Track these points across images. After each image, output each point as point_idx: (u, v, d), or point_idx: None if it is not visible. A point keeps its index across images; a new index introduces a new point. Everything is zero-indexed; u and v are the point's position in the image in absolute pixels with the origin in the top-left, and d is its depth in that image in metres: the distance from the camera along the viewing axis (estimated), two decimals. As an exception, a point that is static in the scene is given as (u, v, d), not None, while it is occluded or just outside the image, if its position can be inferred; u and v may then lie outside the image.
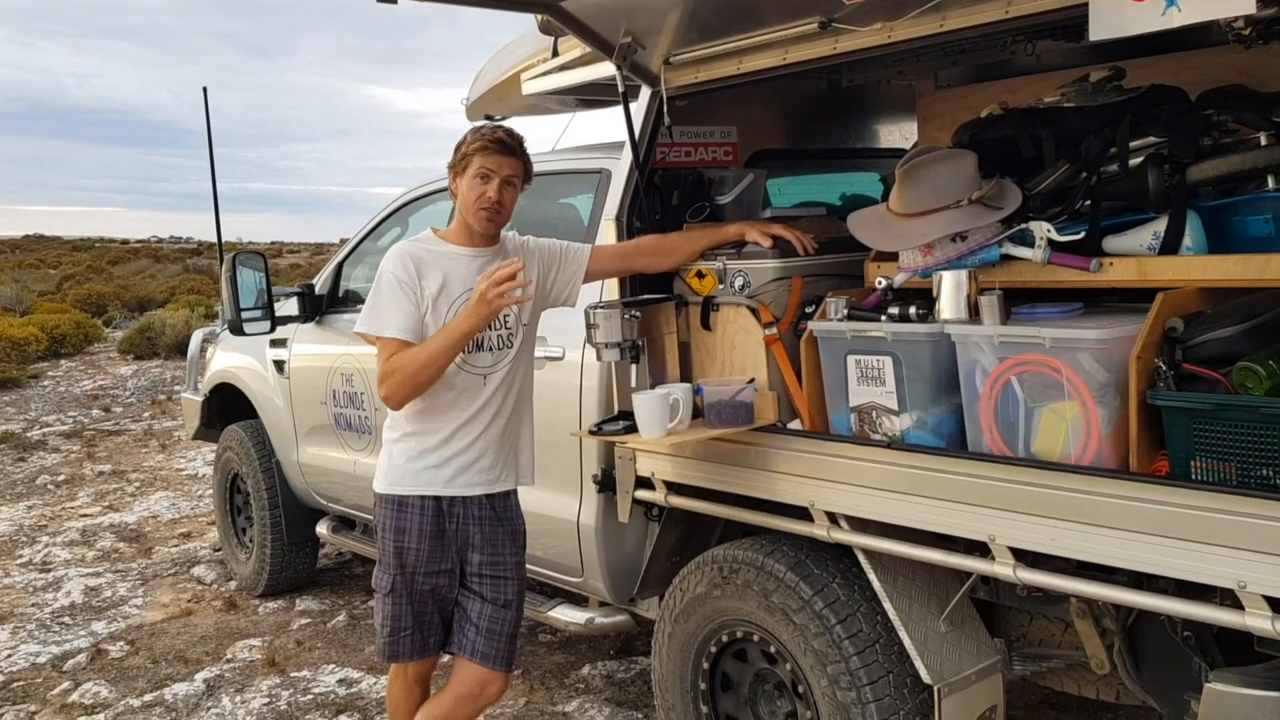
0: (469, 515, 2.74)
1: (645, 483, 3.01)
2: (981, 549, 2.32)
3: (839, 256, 2.86)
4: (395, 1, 2.49)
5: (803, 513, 2.63)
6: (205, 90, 7.02)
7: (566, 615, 3.55)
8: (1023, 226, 2.41)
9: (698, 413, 2.83)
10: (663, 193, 3.19)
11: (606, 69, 3.02)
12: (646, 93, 3.04)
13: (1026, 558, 2.23)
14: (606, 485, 3.18)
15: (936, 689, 2.42)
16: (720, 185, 3.23)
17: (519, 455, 2.83)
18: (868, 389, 2.54)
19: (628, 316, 2.86)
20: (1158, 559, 2.00)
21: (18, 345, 14.00)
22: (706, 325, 2.92)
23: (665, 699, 3.04)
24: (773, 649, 2.73)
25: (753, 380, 2.76)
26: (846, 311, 2.59)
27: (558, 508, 3.33)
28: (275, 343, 4.83)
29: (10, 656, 4.61)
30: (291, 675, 4.26)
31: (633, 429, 2.79)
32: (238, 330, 4.45)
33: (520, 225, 3.18)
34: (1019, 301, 2.37)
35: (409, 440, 2.72)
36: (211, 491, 5.97)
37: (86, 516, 6.96)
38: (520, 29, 3.78)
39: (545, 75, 3.53)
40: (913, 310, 2.47)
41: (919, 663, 2.45)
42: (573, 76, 3.37)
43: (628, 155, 3.07)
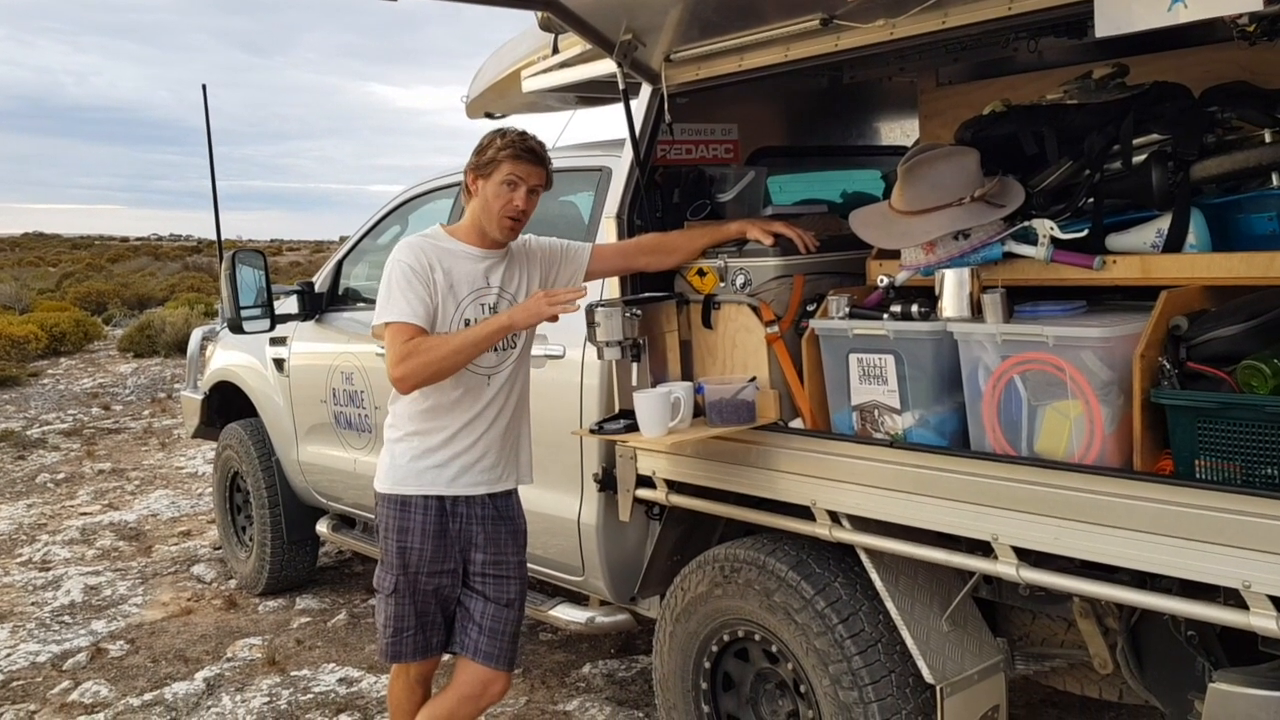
0: (472, 515, 2.74)
1: (646, 481, 3.00)
2: (984, 548, 2.31)
3: (841, 254, 2.86)
4: (394, -1, 2.48)
5: (804, 512, 2.63)
6: (204, 88, 7.00)
7: (567, 614, 3.55)
8: (1025, 224, 2.40)
9: (699, 411, 2.82)
10: (663, 190, 3.19)
11: (607, 66, 3.01)
12: (647, 90, 3.03)
13: (1029, 557, 2.23)
14: (607, 484, 3.18)
15: (939, 688, 2.41)
16: (721, 183, 3.23)
17: (519, 454, 2.83)
18: (870, 387, 2.54)
19: (629, 315, 2.85)
20: (1162, 559, 1.99)
21: (17, 343, 13.99)
22: (708, 323, 2.91)
23: (666, 698, 3.03)
24: (774, 648, 2.73)
25: (754, 379, 2.75)
26: (848, 310, 2.58)
27: (558, 506, 3.32)
28: (275, 341, 4.82)
29: (10, 655, 4.60)
30: (292, 674, 4.25)
31: (634, 428, 2.79)
32: (237, 328, 4.44)
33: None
34: (1022, 300, 2.37)
35: (412, 440, 2.72)
36: (211, 490, 5.97)
37: (86, 515, 6.95)
38: (520, 26, 3.77)
39: (545, 72, 3.52)
40: (915, 308, 2.46)
41: (921, 662, 2.44)
42: (573, 74, 3.36)
43: (628, 153, 3.06)
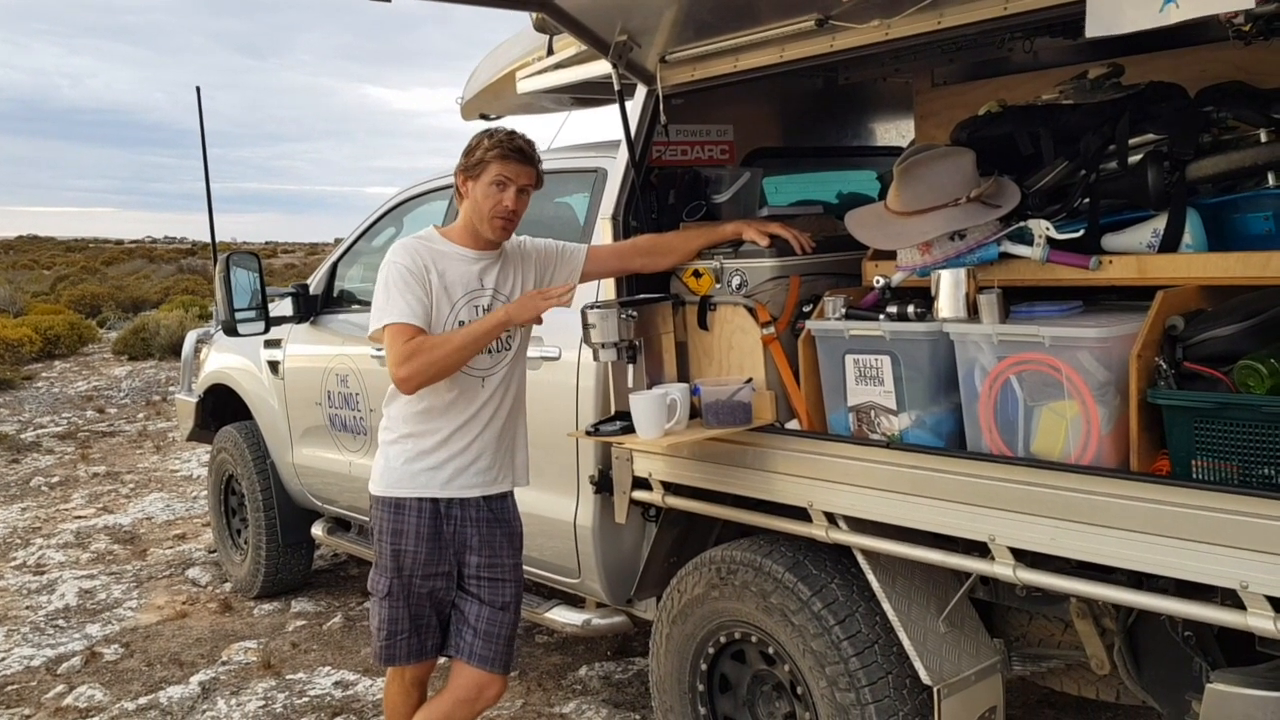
0: (466, 517, 2.73)
1: (642, 483, 3.00)
2: (981, 549, 2.31)
3: (837, 255, 2.85)
4: (389, 0, 2.47)
5: (801, 513, 2.62)
6: (199, 90, 6.99)
7: (563, 616, 3.54)
8: (1021, 224, 2.40)
9: (695, 413, 2.82)
10: (659, 192, 3.18)
11: (602, 67, 3.00)
12: (642, 91, 3.03)
13: (1026, 558, 2.22)
14: (603, 486, 3.17)
15: (936, 690, 2.41)
16: (717, 184, 3.22)
17: (515, 456, 2.83)
18: (866, 388, 2.53)
19: (624, 316, 2.84)
20: (1159, 559, 1.99)
21: (11, 346, 13.96)
22: (704, 325, 2.90)
23: (663, 700, 3.03)
24: (771, 650, 2.72)
25: (750, 380, 2.75)
26: (844, 310, 2.58)
27: (554, 509, 3.31)
28: (270, 343, 4.80)
29: (4, 660, 4.58)
30: (287, 677, 4.24)
31: (630, 429, 2.78)
32: (232, 331, 4.43)
33: (516, 225, 3.16)
34: (1018, 300, 2.37)
35: (406, 442, 2.71)
36: (206, 493, 5.95)
37: (81, 518, 6.93)
38: (515, 27, 3.76)
39: (540, 74, 3.51)
40: (911, 309, 2.46)
41: (918, 663, 2.44)
42: (568, 75, 3.36)
43: (623, 154, 3.05)
